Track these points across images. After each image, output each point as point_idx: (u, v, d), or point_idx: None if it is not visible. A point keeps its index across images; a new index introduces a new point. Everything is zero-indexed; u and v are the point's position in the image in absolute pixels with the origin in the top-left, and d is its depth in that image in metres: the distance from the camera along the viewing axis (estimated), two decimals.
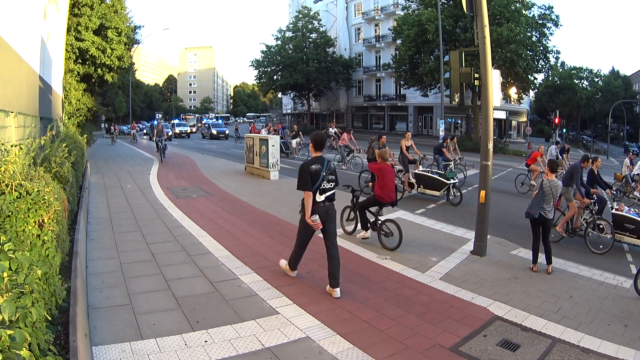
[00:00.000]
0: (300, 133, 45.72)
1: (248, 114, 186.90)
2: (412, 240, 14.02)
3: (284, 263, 10.59)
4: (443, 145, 26.51)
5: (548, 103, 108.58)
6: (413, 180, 22.10)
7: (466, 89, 15.29)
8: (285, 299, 9.05)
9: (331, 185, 9.68)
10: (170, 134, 65.95)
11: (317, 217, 9.49)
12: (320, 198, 9.53)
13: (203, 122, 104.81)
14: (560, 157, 27.14)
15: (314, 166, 9.45)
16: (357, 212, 14.05)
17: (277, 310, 8.50)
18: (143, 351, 6.66)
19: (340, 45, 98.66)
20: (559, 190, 12.01)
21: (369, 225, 13.54)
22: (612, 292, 10.78)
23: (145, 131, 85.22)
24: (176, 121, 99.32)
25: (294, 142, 43.47)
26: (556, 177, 12.34)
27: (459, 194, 21.29)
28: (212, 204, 18.14)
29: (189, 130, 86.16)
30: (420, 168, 23.23)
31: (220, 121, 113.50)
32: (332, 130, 47.01)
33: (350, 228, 14.53)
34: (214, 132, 78.82)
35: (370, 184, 17.42)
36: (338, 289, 9.43)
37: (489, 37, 12.96)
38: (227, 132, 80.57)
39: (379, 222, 13.40)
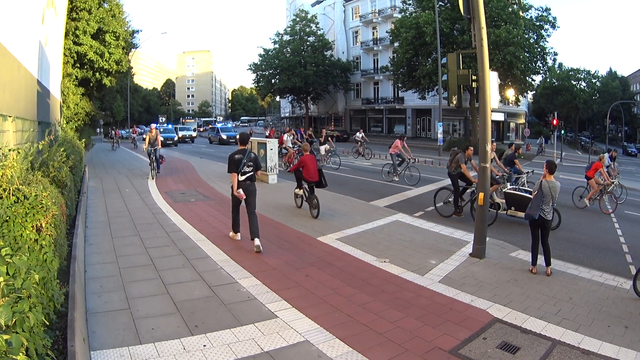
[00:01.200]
0: (330, 139, 40.58)
1: (242, 118, 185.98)
2: (411, 243, 14.07)
3: (231, 233, 13.82)
4: (515, 155, 23.14)
5: (546, 104, 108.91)
6: (500, 200, 18.31)
7: (464, 91, 15.30)
8: (284, 302, 9.04)
9: (250, 169, 13.12)
10: (176, 138, 65.77)
11: (241, 190, 12.88)
12: (241, 178, 12.98)
13: (210, 125, 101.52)
14: (611, 165, 26.67)
15: (237, 155, 13.01)
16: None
17: (276, 314, 8.49)
18: (142, 356, 6.65)
19: (338, 48, 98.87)
20: (558, 191, 11.99)
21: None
22: (612, 293, 10.75)
23: (144, 136, 77.23)
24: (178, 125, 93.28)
25: (322, 149, 37.82)
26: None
27: (556, 215, 17.37)
28: (210, 207, 18.16)
29: (193, 135, 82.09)
30: (509, 185, 19.42)
31: (229, 124, 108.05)
32: (359, 135, 45.64)
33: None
34: (224, 136, 71.19)
35: (452, 199, 18.43)
36: (257, 239, 12.52)
37: (487, 39, 12.97)
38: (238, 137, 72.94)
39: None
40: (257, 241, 12.47)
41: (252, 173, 13.18)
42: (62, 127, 24.83)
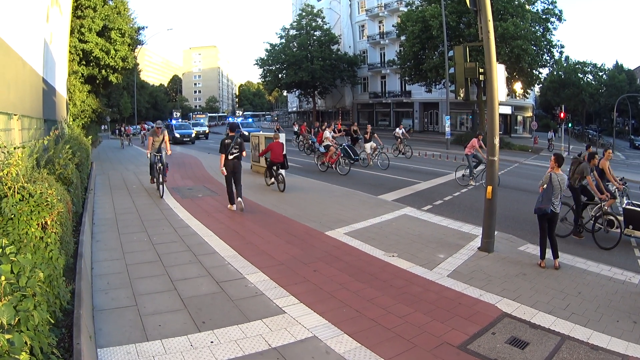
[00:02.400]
0: (376, 135, 34.41)
1: (245, 113, 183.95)
2: (419, 237, 14.03)
3: (228, 205, 17.30)
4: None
5: (553, 98, 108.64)
6: (616, 219, 15.53)
7: (471, 85, 15.22)
8: (291, 298, 9.03)
9: (236, 151, 17.02)
10: (193, 135, 62.95)
11: (224, 168, 16.74)
12: (230, 157, 16.87)
13: (228, 120, 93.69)
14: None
15: (227, 140, 17.00)
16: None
17: (284, 309, 8.48)
18: (149, 353, 6.64)
19: (344, 42, 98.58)
20: (566, 183, 11.99)
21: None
22: (620, 287, 10.70)
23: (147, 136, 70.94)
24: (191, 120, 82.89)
25: (367, 146, 33.39)
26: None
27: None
28: (218, 203, 18.16)
29: (207, 131, 75.81)
30: (625, 201, 16.93)
31: (250, 120, 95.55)
32: (399, 132, 42.65)
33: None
34: (246, 133, 54.02)
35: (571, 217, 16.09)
36: (240, 198, 16.99)
37: (493, 31, 12.91)
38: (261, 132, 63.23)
39: None
40: (240, 200, 16.98)
41: (238, 154, 17.16)
42: (69, 125, 24.87)
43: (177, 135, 57.72)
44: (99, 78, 37.52)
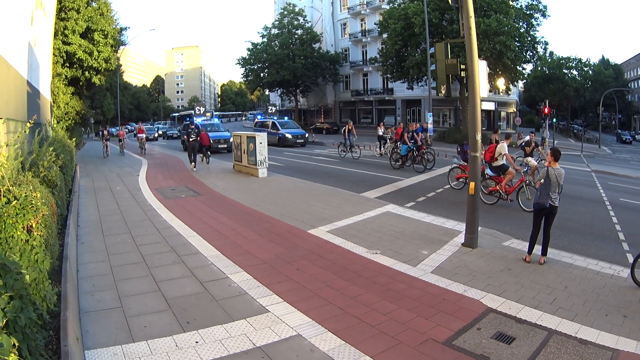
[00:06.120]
0: (417, 134, 30.80)
1: (220, 113, 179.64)
2: (402, 234, 14.04)
3: (190, 165, 28.21)
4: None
5: (537, 93, 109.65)
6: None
7: (453, 81, 15.31)
8: (275, 297, 9.03)
9: (195, 136, 29.52)
10: (231, 140, 47.61)
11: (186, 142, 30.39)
12: (192, 139, 29.51)
13: (258, 118, 79.25)
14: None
15: (191, 128, 30.52)
16: None
17: (268, 308, 8.48)
18: (135, 354, 6.65)
19: (326, 40, 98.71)
20: (562, 177, 11.93)
21: None
22: (608, 281, 10.64)
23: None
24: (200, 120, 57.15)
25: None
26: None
27: None
28: (200, 203, 18.14)
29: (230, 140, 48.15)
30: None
31: (286, 118, 77.13)
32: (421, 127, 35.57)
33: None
34: (289, 136, 51.95)
35: None
36: (194, 163, 28.16)
37: (476, 28, 12.98)
38: (307, 135, 56.00)
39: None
40: (194, 164, 28.55)
41: (196, 138, 29.97)
42: (53, 127, 24.81)
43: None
44: (82, 80, 37.42)
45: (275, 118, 66.19)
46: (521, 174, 17.93)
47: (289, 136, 51.63)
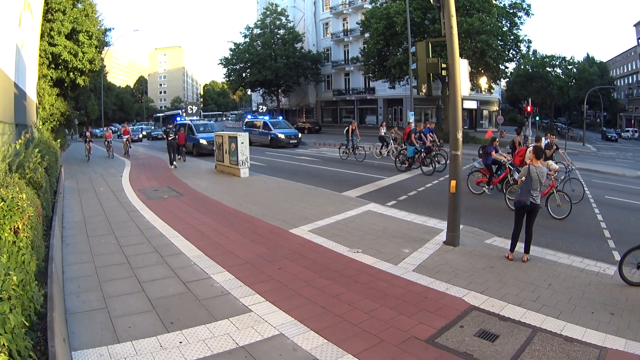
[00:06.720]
0: (424, 135, 29.43)
1: (203, 113, 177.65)
2: (384, 232, 14.07)
3: (170, 166, 29.37)
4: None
5: (520, 91, 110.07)
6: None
7: (435, 80, 15.35)
8: (257, 296, 9.04)
9: (174, 135, 31.67)
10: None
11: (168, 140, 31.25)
12: (170, 138, 31.27)
13: (247, 118, 70.46)
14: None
15: (170, 128, 33.34)
16: None
17: (250, 308, 8.49)
18: (120, 354, 6.67)
19: (308, 40, 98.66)
20: (544, 175, 11.94)
21: None
22: (594, 279, 10.63)
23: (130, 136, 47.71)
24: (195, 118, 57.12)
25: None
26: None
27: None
28: (183, 204, 18.13)
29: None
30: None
31: (280, 118, 70.94)
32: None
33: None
34: (282, 136, 50.39)
35: None
36: (175, 162, 30.47)
37: (459, 27, 13.04)
38: (300, 136, 54.30)
39: None
40: (175, 164, 30.09)
41: (175, 137, 31.66)
42: (38, 129, 24.72)
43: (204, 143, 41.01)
44: (67, 81, 37.12)
45: (268, 118, 60.19)
46: (551, 179, 17.23)
47: (282, 136, 50.09)
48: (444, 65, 13.66)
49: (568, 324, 8.20)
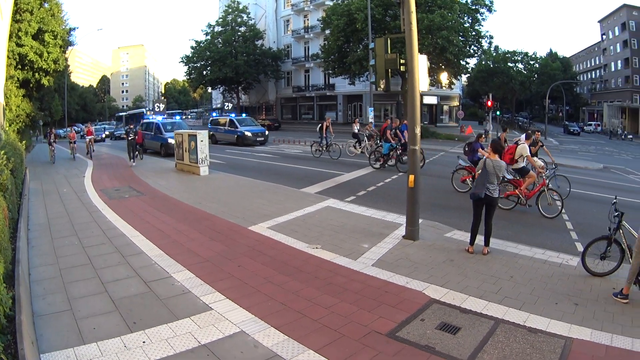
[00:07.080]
0: (401, 131, 28.80)
1: (167, 112, 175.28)
2: (343, 228, 14.13)
3: (130, 162, 31.19)
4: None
5: (481, 87, 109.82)
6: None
7: (394, 76, 15.48)
8: (218, 294, 9.07)
9: (133, 134, 32.13)
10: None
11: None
12: (130, 137, 32.04)
13: (213, 116, 74.38)
14: None
15: (130, 127, 33.67)
16: None
17: (211, 306, 8.53)
18: (86, 356, 6.68)
19: (269, 37, 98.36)
20: (503, 169, 11.93)
21: None
22: (557, 270, 10.68)
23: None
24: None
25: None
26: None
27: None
28: (143, 203, 18.12)
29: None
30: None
31: (243, 115, 73.49)
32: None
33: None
34: (248, 134, 48.57)
35: None
36: (134, 160, 31.87)
37: (419, 24, 13.14)
38: (267, 133, 51.62)
39: None
40: (133, 161, 30.96)
41: (134, 137, 32.26)
42: (5, 130, 24.53)
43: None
44: (32, 82, 36.59)
45: (234, 115, 60.87)
46: (542, 177, 17.38)
47: (249, 134, 48.30)
48: (402, 61, 13.70)
49: (531, 315, 8.27)
